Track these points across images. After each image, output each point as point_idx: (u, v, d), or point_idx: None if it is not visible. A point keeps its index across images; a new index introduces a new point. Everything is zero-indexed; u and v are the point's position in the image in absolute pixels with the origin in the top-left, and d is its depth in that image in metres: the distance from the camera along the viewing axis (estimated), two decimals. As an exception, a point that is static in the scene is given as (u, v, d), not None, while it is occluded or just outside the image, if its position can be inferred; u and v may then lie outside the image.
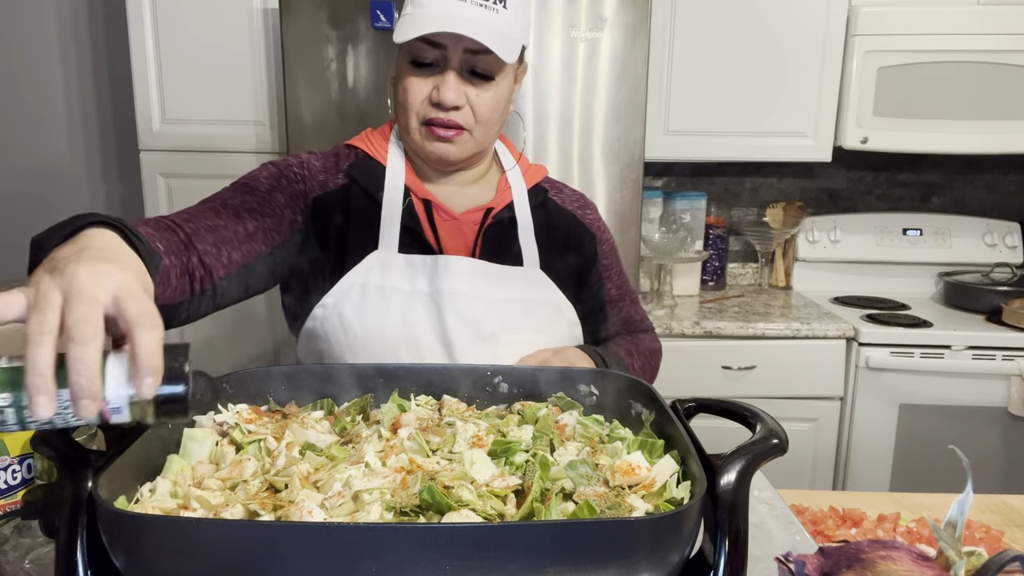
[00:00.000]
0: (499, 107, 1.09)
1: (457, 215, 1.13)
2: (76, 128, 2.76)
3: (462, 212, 1.14)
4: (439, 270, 1.08)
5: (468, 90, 1.05)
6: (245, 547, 0.51)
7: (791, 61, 2.36)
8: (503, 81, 1.08)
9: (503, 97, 1.09)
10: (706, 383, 2.24)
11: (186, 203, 1.07)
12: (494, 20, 1.02)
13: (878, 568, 0.63)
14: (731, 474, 0.61)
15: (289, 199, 1.08)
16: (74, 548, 0.56)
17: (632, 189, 2.08)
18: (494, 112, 1.08)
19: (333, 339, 1.08)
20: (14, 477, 0.93)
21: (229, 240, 1.00)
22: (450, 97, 1.03)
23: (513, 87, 1.13)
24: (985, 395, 2.19)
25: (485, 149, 1.14)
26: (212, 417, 0.79)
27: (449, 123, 1.05)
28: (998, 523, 1.05)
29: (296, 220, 1.09)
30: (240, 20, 2.20)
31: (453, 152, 1.08)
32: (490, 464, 0.69)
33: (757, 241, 2.75)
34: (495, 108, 1.08)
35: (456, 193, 1.16)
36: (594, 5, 1.99)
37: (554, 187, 1.25)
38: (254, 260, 1.04)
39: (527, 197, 1.18)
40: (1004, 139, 2.35)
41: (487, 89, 1.06)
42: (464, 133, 1.07)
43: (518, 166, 1.21)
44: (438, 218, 1.13)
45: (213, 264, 0.98)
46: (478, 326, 1.08)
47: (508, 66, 1.07)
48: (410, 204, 1.12)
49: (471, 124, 1.07)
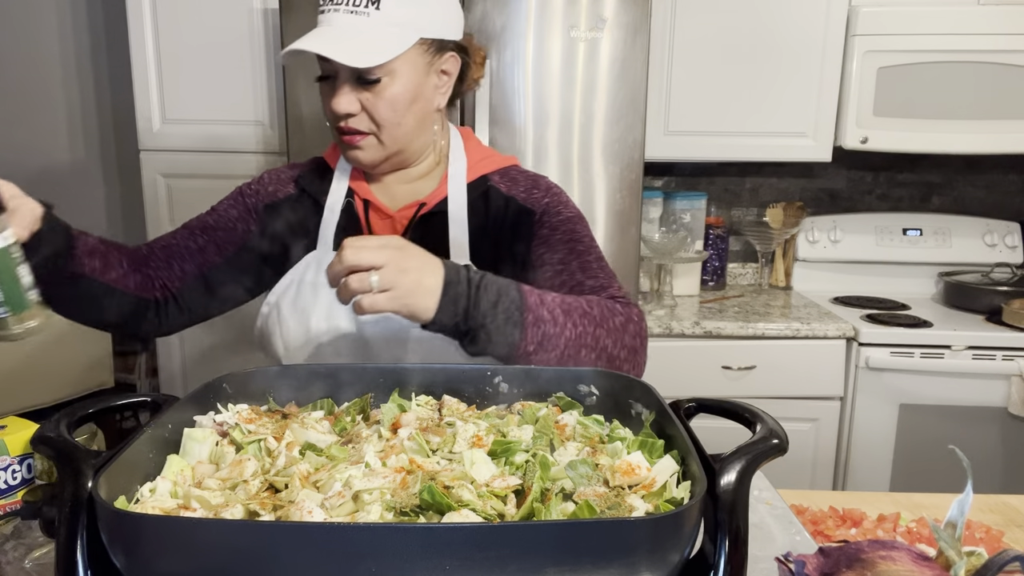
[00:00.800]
0: (399, 107, 1.07)
1: (393, 212, 1.16)
2: (76, 128, 2.76)
3: (398, 209, 1.17)
4: None
5: (362, 96, 1.06)
6: (245, 547, 0.51)
7: (791, 61, 2.36)
8: (399, 80, 1.06)
9: (405, 95, 1.07)
10: (706, 383, 2.24)
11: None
12: (363, 24, 1.02)
13: (878, 568, 0.63)
14: (731, 474, 0.61)
15: (242, 212, 1.20)
16: (74, 548, 0.56)
17: (632, 189, 2.08)
18: (394, 113, 1.07)
19: (273, 334, 1.16)
20: (14, 477, 0.93)
21: (180, 255, 1.17)
22: (340, 106, 1.06)
23: (429, 80, 1.10)
24: (985, 395, 2.19)
25: (404, 148, 1.13)
26: (212, 417, 0.79)
27: (349, 130, 1.09)
28: (998, 523, 1.05)
29: (248, 230, 1.19)
30: (240, 20, 2.20)
31: (364, 156, 1.12)
32: (490, 464, 0.69)
33: (757, 241, 2.75)
34: (393, 108, 1.07)
35: (398, 190, 1.19)
36: (594, 5, 1.99)
37: (506, 175, 1.21)
38: (209, 270, 1.17)
39: (465, 190, 1.17)
40: (1004, 139, 2.35)
41: (378, 92, 1.06)
42: (369, 137, 1.10)
43: (465, 159, 1.20)
44: (374, 216, 1.17)
45: (167, 277, 1.16)
46: (388, 320, 1.09)
47: (405, 63, 1.06)
48: (349, 204, 1.17)
49: (372, 128, 1.09)
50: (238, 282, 1.20)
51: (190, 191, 2.28)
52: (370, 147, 1.11)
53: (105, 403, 0.73)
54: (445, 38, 1.11)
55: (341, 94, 1.06)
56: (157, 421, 0.71)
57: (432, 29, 1.08)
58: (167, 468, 0.69)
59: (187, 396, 0.78)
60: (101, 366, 2.09)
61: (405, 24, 1.05)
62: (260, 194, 1.21)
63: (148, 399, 0.77)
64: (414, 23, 1.06)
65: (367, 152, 1.11)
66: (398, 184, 1.19)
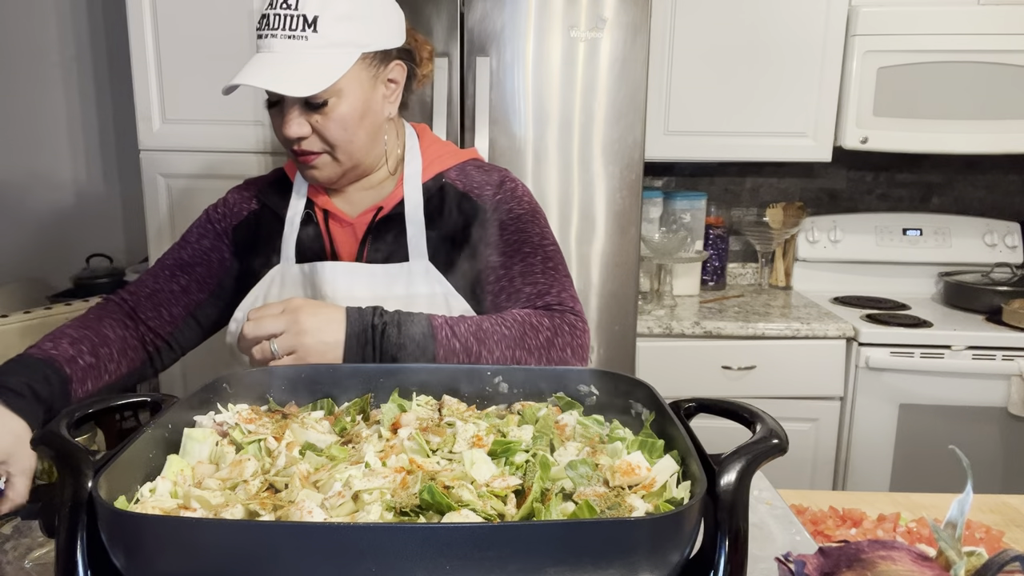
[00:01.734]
0: (350, 125, 1.07)
1: (352, 220, 1.17)
2: (76, 128, 2.76)
3: (357, 215, 1.17)
4: (316, 276, 1.13)
5: (312, 118, 1.06)
6: (245, 547, 0.51)
7: (791, 61, 2.36)
8: (346, 98, 1.06)
9: (351, 114, 1.07)
10: (706, 383, 2.24)
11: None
12: (302, 48, 1.02)
13: (878, 568, 0.63)
14: (731, 474, 0.61)
15: (213, 241, 1.21)
16: (74, 548, 0.56)
17: (632, 189, 2.08)
18: (345, 132, 1.07)
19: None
20: (14, 477, 0.92)
21: (167, 300, 1.17)
22: (291, 131, 1.06)
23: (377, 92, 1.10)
24: (985, 395, 2.19)
25: (359, 162, 1.13)
26: (212, 417, 0.79)
27: (303, 151, 1.09)
28: (998, 523, 1.05)
29: (224, 257, 1.21)
30: (240, 20, 2.20)
31: (321, 175, 1.12)
32: (490, 464, 0.69)
33: (757, 241, 2.75)
34: (344, 128, 1.07)
35: (356, 197, 1.20)
36: (594, 5, 1.99)
37: (463, 172, 1.20)
38: (196, 308, 1.19)
39: (421, 190, 1.17)
40: (1004, 139, 2.35)
41: (327, 114, 1.06)
42: (323, 156, 1.10)
43: (420, 160, 1.19)
44: (334, 225, 1.18)
45: (158, 325, 1.16)
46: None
47: (349, 80, 1.05)
48: (308, 215, 1.18)
49: (325, 148, 1.09)
50: (224, 311, 1.21)
51: (190, 191, 2.28)
52: (325, 165, 1.11)
53: (105, 403, 0.73)
54: (388, 47, 1.10)
55: (290, 119, 1.06)
56: (157, 421, 0.71)
57: (373, 42, 1.07)
58: (167, 468, 0.69)
59: (187, 396, 0.78)
60: (101, 366, 2.08)
61: (345, 43, 1.03)
62: (227, 216, 1.22)
63: (148, 399, 0.77)
64: (354, 40, 1.04)
65: (323, 171, 1.12)
66: (356, 192, 1.20)
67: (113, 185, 2.80)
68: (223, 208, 1.23)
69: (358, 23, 1.04)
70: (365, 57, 1.07)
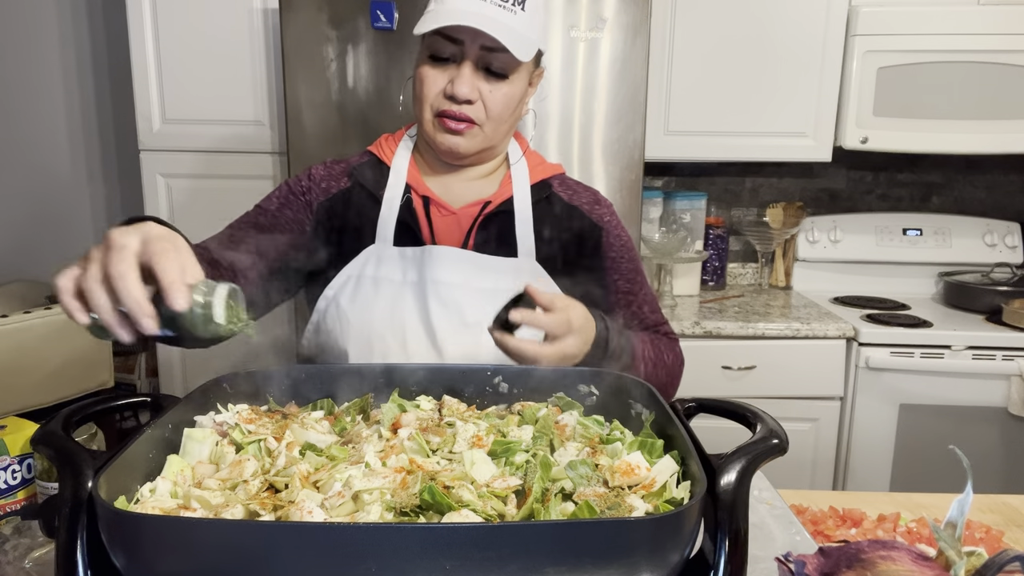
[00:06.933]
0: (511, 105, 1.11)
1: (455, 210, 1.16)
2: (76, 128, 2.76)
3: (461, 207, 1.17)
4: (426, 259, 1.12)
5: (482, 85, 1.08)
6: (245, 547, 0.51)
7: (791, 61, 2.36)
8: (517, 80, 1.10)
9: (516, 96, 1.11)
10: (706, 383, 2.24)
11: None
12: (512, 20, 1.05)
13: (878, 568, 0.63)
14: (731, 474, 0.61)
15: (296, 212, 1.17)
16: (74, 548, 0.56)
17: (632, 189, 2.08)
18: (505, 109, 1.11)
19: (331, 329, 1.13)
20: (14, 477, 0.93)
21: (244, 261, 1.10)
22: (463, 91, 1.06)
23: (527, 89, 1.15)
24: (985, 395, 2.19)
25: (495, 146, 1.16)
26: (212, 417, 0.79)
27: (461, 116, 1.09)
28: (998, 523, 1.05)
29: (305, 230, 1.17)
30: (240, 20, 2.20)
31: (463, 145, 1.11)
32: (490, 464, 0.69)
33: (757, 241, 2.75)
34: (507, 105, 1.10)
35: (459, 188, 1.19)
36: (594, 5, 1.99)
37: (564, 183, 1.26)
38: (272, 274, 1.13)
39: (530, 191, 1.19)
40: (1004, 139, 2.35)
41: (500, 86, 1.09)
42: (474, 127, 1.10)
43: (525, 161, 1.22)
44: (435, 213, 1.16)
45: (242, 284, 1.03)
46: (462, 314, 1.10)
47: (523, 67, 1.10)
48: (408, 200, 1.16)
49: (482, 119, 1.10)
50: (292, 282, 1.18)
51: (190, 191, 2.28)
52: (472, 136, 1.11)
53: (105, 403, 0.73)
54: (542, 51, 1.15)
55: (464, 79, 1.06)
56: (157, 421, 0.71)
57: (542, 40, 1.13)
58: (167, 468, 0.69)
59: (187, 396, 0.78)
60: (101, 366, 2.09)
61: (535, 29, 1.09)
62: (312, 191, 1.19)
63: (148, 399, 0.78)
64: (538, 30, 1.10)
65: (468, 141, 1.11)
66: (459, 182, 1.19)
67: (113, 185, 2.80)
68: (307, 182, 1.20)
69: (541, 18, 1.11)
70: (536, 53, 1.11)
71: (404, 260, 1.13)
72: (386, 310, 1.11)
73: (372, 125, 2.04)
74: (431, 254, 1.12)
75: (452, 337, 1.10)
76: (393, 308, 1.11)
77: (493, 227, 1.16)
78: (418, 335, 1.11)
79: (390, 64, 2.00)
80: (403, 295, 1.12)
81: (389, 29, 1.97)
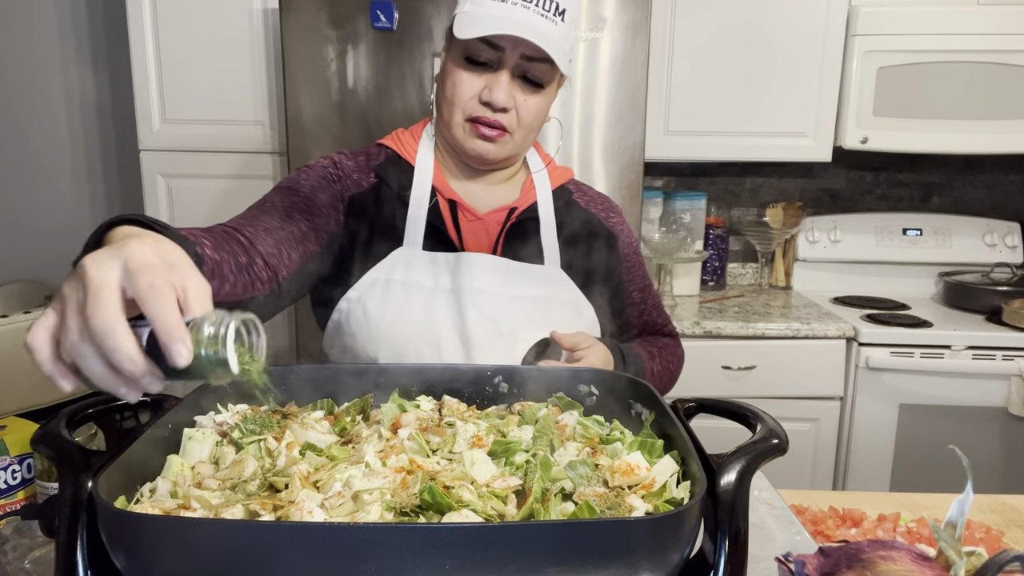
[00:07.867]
0: (542, 114, 1.12)
1: (482, 215, 1.16)
2: (76, 128, 2.76)
3: (487, 212, 1.16)
4: (461, 267, 1.10)
5: (517, 94, 1.08)
6: (245, 547, 0.51)
7: (791, 61, 2.36)
8: (550, 90, 1.11)
9: (545, 107, 1.12)
10: (706, 383, 2.24)
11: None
12: (552, 30, 1.04)
13: (878, 568, 0.63)
14: (731, 474, 0.61)
15: (330, 198, 1.11)
16: (74, 548, 0.56)
17: (632, 189, 2.08)
18: (537, 118, 1.11)
19: (356, 332, 1.10)
20: (14, 477, 0.93)
21: (287, 241, 1.02)
22: (501, 98, 1.06)
23: (553, 100, 1.15)
24: (985, 395, 2.19)
25: (522, 155, 1.18)
26: (212, 417, 0.79)
27: (495, 123, 1.08)
28: (998, 523, 1.05)
29: (339, 219, 1.11)
30: (240, 20, 2.20)
31: (493, 152, 1.11)
32: (490, 464, 0.69)
33: (757, 241, 2.75)
34: (539, 115, 1.11)
35: (482, 193, 1.18)
36: (594, 5, 1.99)
37: (579, 189, 1.27)
38: (307, 259, 1.05)
39: (552, 198, 1.20)
40: (1004, 139, 2.35)
41: (535, 96, 1.09)
42: (506, 135, 1.10)
43: (545, 168, 1.23)
44: (462, 218, 1.15)
45: (277, 265, 0.99)
46: (497, 323, 1.10)
47: (555, 77, 1.10)
48: (435, 204, 1.14)
49: (514, 127, 1.09)
50: (321, 271, 1.11)
51: (190, 191, 2.28)
52: (503, 144, 1.11)
53: (105, 403, 0.73)
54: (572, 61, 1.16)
55: (502, 87, 1.06)
56: (157, 421, 0.71)
57: (574, 52, 1.14)
58: (167, 468, 0.69)
59: (187, 396, 0.78)
60: (101, 366, 2.08)
61: (571, 40, 1.09)
62: (343, 181, 1.13)
63: (148, 399, 0.77)
64: (572, 42, 1.11)
65: (499, 147, 1.11)
66: (481, 187, 1.18)
67: (113, 185, 2.80)
68: (335, 171, 1.14)
69: (575, 30, 1.11)
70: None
71: (435, 265, 1.11)
72: (419, 318, 1.08)
73: (372, 125, 2.04)
74: (467, 261, 1.10)
75: (488, 346, 1.09)
76: (426, 316, 1.08)
77: (517, 233, 1.16)
78: (453, 344, 1.09)
79: (390, 64, 2.00)
80: (435, 302, 1.09)
81: (389, 29, 1.97)
